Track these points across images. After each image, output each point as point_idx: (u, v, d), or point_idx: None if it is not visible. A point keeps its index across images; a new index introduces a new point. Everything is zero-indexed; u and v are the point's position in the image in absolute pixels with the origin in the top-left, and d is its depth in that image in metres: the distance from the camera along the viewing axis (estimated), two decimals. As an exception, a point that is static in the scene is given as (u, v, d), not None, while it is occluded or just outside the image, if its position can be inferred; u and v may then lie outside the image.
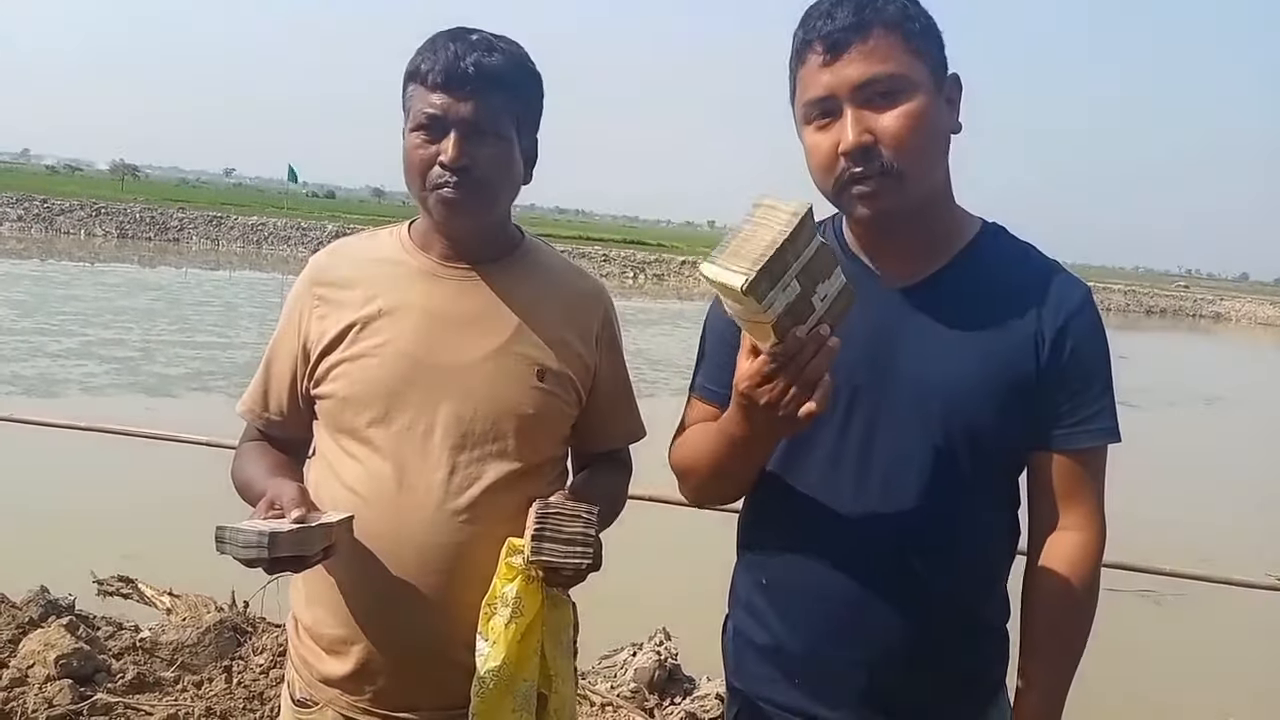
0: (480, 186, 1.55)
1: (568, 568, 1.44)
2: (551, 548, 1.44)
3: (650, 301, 32.78)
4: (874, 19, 1.36)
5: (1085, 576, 1.45)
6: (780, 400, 1.25)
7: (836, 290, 1.25)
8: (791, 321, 1.22)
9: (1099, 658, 1.61)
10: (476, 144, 1.53)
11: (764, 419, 1.29)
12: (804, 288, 1.22)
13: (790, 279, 1.20)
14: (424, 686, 1.61)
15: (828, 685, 1.48)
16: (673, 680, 4.06)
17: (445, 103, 1.52)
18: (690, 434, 1.56)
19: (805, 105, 1.41)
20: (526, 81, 1.60)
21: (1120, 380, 1.49)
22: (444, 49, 1.53)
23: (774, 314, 1.21)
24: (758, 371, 1.25)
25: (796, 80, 1.44)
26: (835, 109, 1.37)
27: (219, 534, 1.34)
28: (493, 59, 1.53)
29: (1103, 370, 1.46)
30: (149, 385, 11.52)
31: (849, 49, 1.36)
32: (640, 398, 1.82)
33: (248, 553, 1.33)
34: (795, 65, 1.44)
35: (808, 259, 1.21)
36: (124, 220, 40.70)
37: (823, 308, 1.24)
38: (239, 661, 3.80)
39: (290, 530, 1.38)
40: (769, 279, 1.18)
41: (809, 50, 1.39)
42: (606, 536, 1.54)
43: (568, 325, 1.67)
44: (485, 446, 1.59)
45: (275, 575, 1.43)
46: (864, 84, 1.35)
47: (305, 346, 1.65)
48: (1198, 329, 50.75)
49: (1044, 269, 1.48)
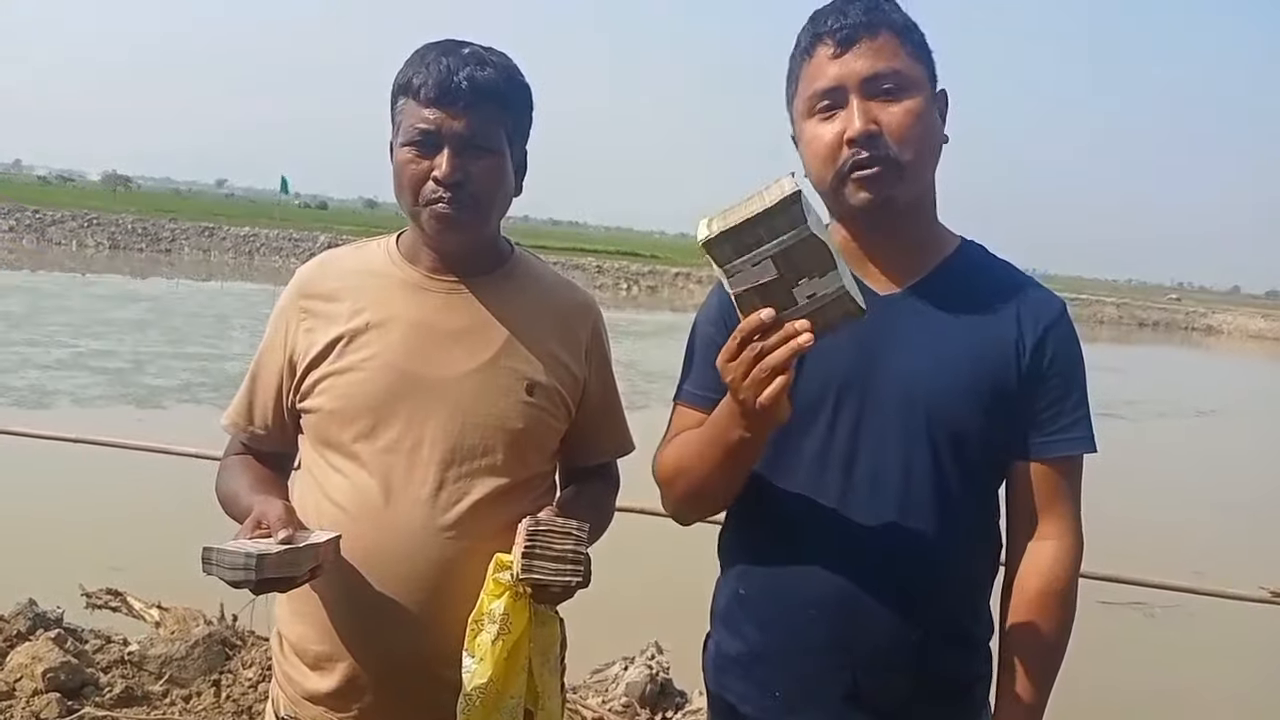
0: (474, 202, 1.55)
1: (556, 585, 1.43)
2: (542, 565, 1.42)
3: (644, 313, 32.80)
4: (882, 21, 1.44)
5: (1063, 585, 1.48)
6: (740, 383, 1.26)
7: (830, 294, 1.23)
8: (760, 302, 1.22)
9: (1091, 668, 1.61)
10: (470, 159, 1.53)
11: (735, 401, 1.30)
12: (782, 273, 1.21)
13: (762, 257, 1.20)
14: (409, 703, 1.60)
15: (809, 695, 1.48)
16: (664, 694, 4.05)
17: (439, 118, 1.51)
18: (677, 439, 1.55)
19: (810, 97, 1.46)
20: (517, 94, 1.59)
21: (1113, 393, 1.51)
22: (436, 63, 1.52)
23: (737, 286, 1.22)
24: (729, 346, 1.27)
25: (800, 74, 1.49)
26: (841, 100, 1.43)
27: (205, 555, 1.33)
28: (485, 73, 1.53)
29: (1079, 381, 1.50)
30: (139, 397, 11.47)
31: (858, 43, 1.43)
32: (633, 410, 1.81)
33: (234, 574, 1.32)
34: (800, 60, 1.49)
35: (788, 243, 1.19)
36: (116, 231, 40.59)
37: (808, 305, 1.23)
38: (228, 675, 3.78)
39: (278, 551, 1.36)
40: (734, 245, 1.19)
41: (818, 44, 1.45)
42: (597, 550, 1.53)
43: (557, 339, 1.67)
44: (474, 462, 1.58)
45: (261, 595, 1.42)
46: (872, 77, 1.42)
47: (292, 360, 1.63)
48: (1190, 342, 50.90)
49: (1022, 281, 1.54)
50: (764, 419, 1.29)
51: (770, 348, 1.23)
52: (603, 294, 38.32)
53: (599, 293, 38.15)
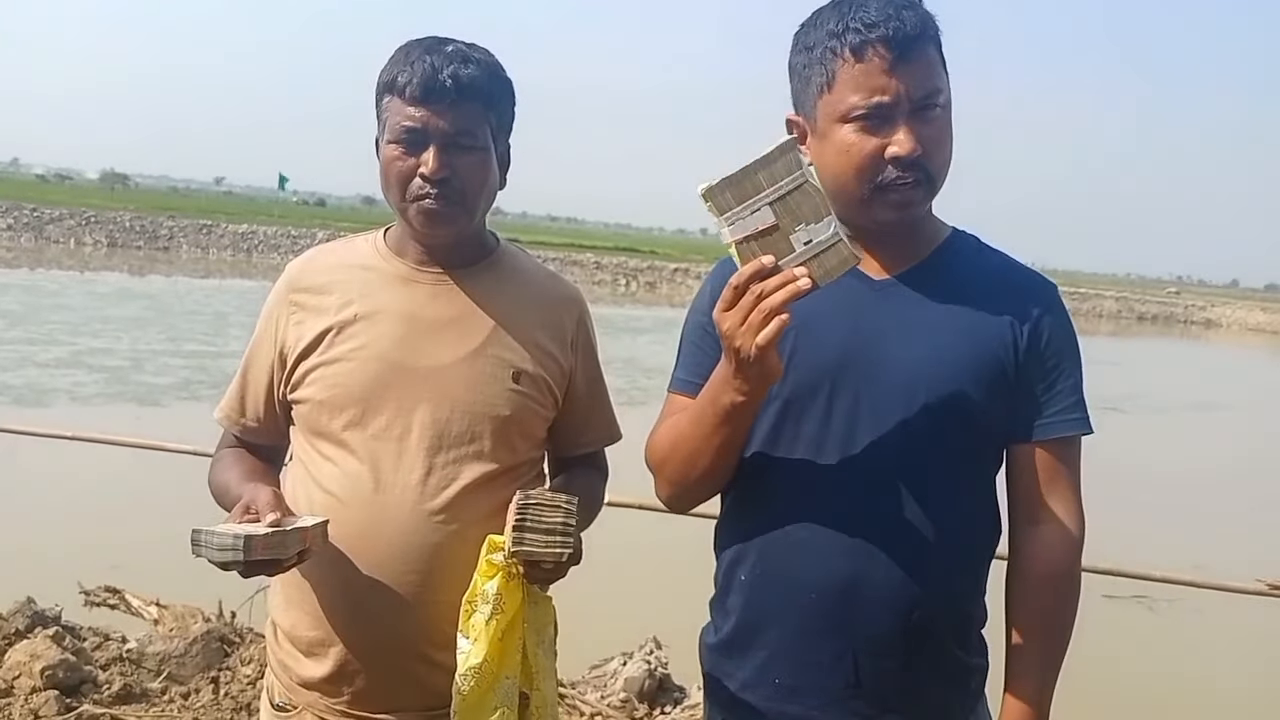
0: (460, 197, 1.58)
1: (548, 560, 1.45)
2: (533, 538, 1.44)
3: (643, 309, 32.81)
4: (930, 34, 1.42)
5: (1068, 567, 1.49)
6: (736, 329, 1.27)
7: (826, 241, 1.27)
8: (760, 250, 1.25)
9: (1093, 661, 1.61)
10: (455, 155, 1.56)
11: (729, 357, 1.31)
12: (779, 219, 1.24)
13: (760, 204, 1.24)
14: (402, 688, 1.62)
15: (809, 681, 1.47)
16: (663, 690, 4.05)
17: (424, 116, 1.54)
18: (669, 419, 1.55)
19: (855, 104, 1.39)
20: (501, 90, 1.62)
21: (1112, 386, 1.51)
22: (420, 61, 1.54)
23: (737, 234, 1.24)
24: (725, 296, 1.29)
25: (838, 74, 1.40)
26: (891, 115, 1.38)
27: (194, 537, 1.36)
28: (469, 70, 1.55)
29: (1075, 363, 1.51)
30: (138, 394, 11.48)
31: (915, 60, 1.39)
32: (632, 406, 1.81)
33: (222, 555, 1.35)
34: (839, 57, 1.40)
35: (785, 190, 1.24)
36: (114, 229, 40.58)
37: (806, 252, 1.26)
38: (226, 672, 3.78)
39: (265, 534, 1.39)
40: (734, 192, 1.23)
41: (869, 48, 1.37)
42: (595, 545, 1.54)
43: (543, 328, 1.70)
44: (461, 448, 1.61)
45: (250, 578, 1.44)
46: (926, 96, 1.40)
47: (282, 352, 1.66)
48: (1189, 335, 50.96)
49: (1015, 267, 1.55)
50: (758, 374, 1.31)
51: (770, 290, 1.25)
52: (601, 290, 38.33)
53: (597, 289, 38.16)
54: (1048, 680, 1.48)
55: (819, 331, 1.40)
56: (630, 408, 1.83)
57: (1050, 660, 1.48)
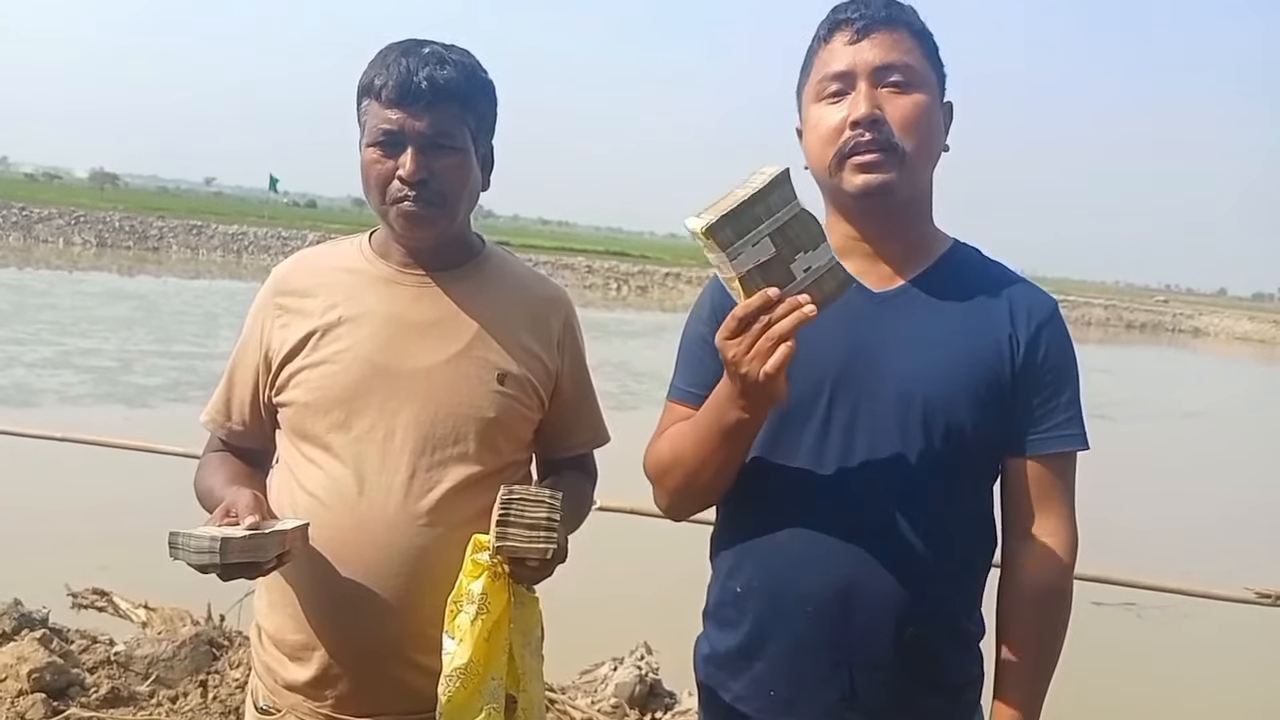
0: (440, 199, 1.58)
1: (533, 556, 1.44)
2: (516, 533, 1.43)
3: (634, 313, 32.81)
4: (902, 19, 1.48)
5: (1060, 581, 1.50)
6: (743, 357, 1.28)
7: (824, 266, 1.29)
8: (763, 280, 1.27)
9: (1082, 669, 1.61)
10: (434, 157, 1.56)
11: (734, 380, 1.32)
12: (780, 250, 1.26)
13: (761, 236, 1.25)
14: (386, 692, 1.62)
15: (805, 693, 1.47)
16: (653, 695, 4.04)
17: (401, 118, 1.55)
18: (670, 430, 1.55)
19: (820, 80, 1.48)
20: (479, 91, 1.62)
21: (1101, 394, 1.52)
22: (396, 64, 1.55)
23: (741, 267, 1.26)
24: (728, 325, 1.30)
25: (814, 60, 1.51)
26: (850, 85, 1.45)
27: (172, 539, 1.35)
28: (445, 72, 1.56)
29: (1073, 378, 1.51)
30: (126, 395, 11.42)
31: (876, 33, 1.45)
32: (624, 410, 1.82)
33: (200, 558, 1.34)
34: (816, 47, 1.51)
35: (783, 220, 1.26)
36: (103, 228, 40.41)
37: (806, 279, 1.28)
38: (214, 676, 3.76)
39: (242, 536, 1.38)
40: (734, 227, 1.24)
41: (836, 31, 1.47)
42: (585, 549, 1.53)
43: (528, 330, 1.70)
44: (446, 450, 1.61)
45: (229, 581, 1.43)
46: (884, 66, 1.44)
47: (267, 355, 1.66)
48: (1177, 343, 51.16)
49: (1015, 280, 1.56)
50: (763, 395, 1.31)
51: (776, 318, 1.26)
52: (592, 294, 38.29)
53: (589, 293, 38.13)
54: (1037, 692, 1.49)
55: (818, 344, 1.41)
56: (621, 412, 1.83)
57: (1040, 673, 1.49)
